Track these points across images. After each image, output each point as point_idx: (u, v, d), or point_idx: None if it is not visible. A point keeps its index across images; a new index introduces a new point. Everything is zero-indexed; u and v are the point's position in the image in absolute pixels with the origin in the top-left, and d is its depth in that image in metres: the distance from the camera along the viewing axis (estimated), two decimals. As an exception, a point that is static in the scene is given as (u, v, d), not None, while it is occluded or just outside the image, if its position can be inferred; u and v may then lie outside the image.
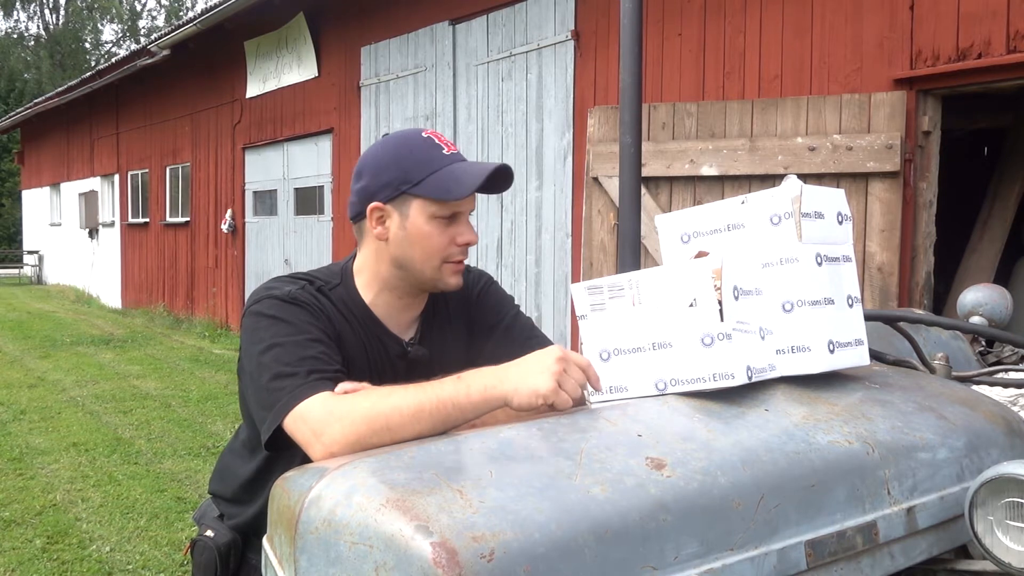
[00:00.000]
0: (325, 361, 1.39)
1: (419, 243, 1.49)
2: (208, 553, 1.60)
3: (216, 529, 1.63)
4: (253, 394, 1.43)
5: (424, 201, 1.47)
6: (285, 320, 1.42)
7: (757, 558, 1.14)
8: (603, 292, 1.44)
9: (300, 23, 9.64)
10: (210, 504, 1.71)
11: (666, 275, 1.38)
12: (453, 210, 1.48)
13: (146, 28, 39.18)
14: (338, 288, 1.54)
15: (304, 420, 1.30)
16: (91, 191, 16.76)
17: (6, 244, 29.65)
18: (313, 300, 1.48)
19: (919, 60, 4.36)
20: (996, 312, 2.83)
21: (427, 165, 1.47)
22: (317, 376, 1.35)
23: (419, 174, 1.46)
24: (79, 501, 4.73)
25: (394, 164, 1.48)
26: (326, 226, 9.50)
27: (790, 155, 4.54)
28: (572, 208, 6.30)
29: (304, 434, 1.30)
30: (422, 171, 1.46)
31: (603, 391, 1.41)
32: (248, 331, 1.45)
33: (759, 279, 1.45)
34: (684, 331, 1.35)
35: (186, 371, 8.89)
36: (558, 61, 6.43)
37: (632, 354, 1.40)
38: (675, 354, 1.36)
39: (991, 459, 1.46)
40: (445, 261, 1.50)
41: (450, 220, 1.49)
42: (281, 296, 1.46)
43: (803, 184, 1.46)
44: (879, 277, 4.28)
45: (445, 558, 0.94)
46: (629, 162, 2.04)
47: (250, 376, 1.44)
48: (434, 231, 1.48)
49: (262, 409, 1.38)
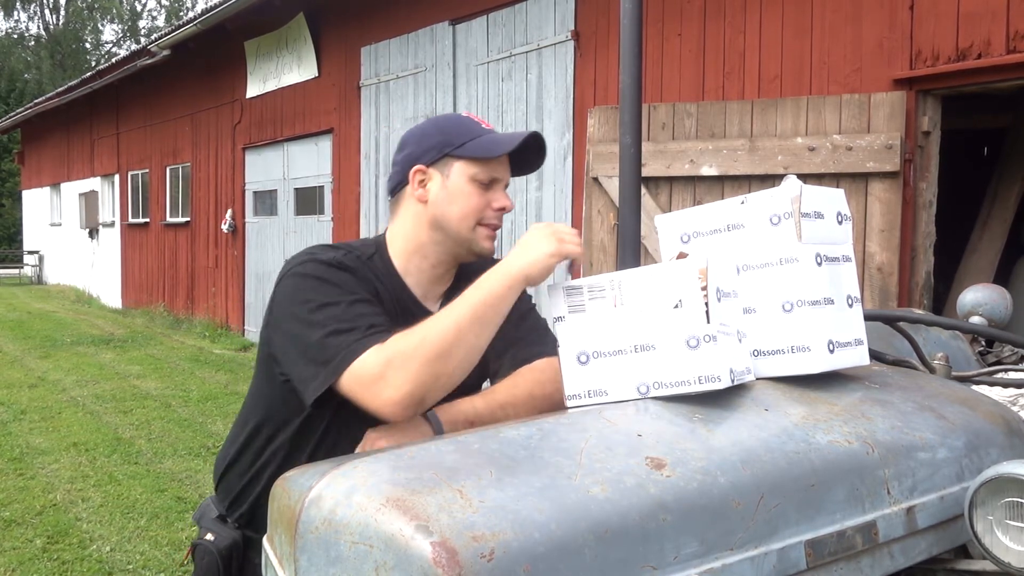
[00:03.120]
0: (381, 321, 1.43)
1: (458, 202, 1.56)
2: (209, 557, 1.60)
3: (216, 532, 1.63)
4: (299, 353, 1.43)
5: (465, 163, 1.56)
6: (333, 282, 1.46)
7: (757, 558, 1.14)
8: (583, 293, 1.42)
9: (300, 23, 9.64)
10: (209, 505, 1.71)
11: (650, 276, 1.37)
12: (492, 175, 1.57)
13: (146, 28, 39.22)
14: (374, 257, 1.59)
15: (365, 372, 1.34)
16: (91, 191, 16.76)
17: (6, 244, 29.64)
18: (358, 265, 1.53)
19: (919, 60, 4.36)
20: (996, 312, 2.83)
21: (468, 132, 1.58)
22: (375, 331, 1.39)
23: (461, 139, 1.57)
24: (79, 501, 4.73)
25: (437, 131, 1.59)
26: (326, 226, 9.50)
27: (790, 155, 4.54)
28: (572, 208, 6.30)
29: (366, 386, 1.34)
30: (463, 137, 1.57)
31: (582, 395, 1.39)
32: (290, 291, 1.48)
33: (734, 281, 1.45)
34: (668, 333, 1.33)
35: (186, 371, 8.89)
36: (558, 61, 6.43)
37: (613, 357, 1.37)
38: (658, 356, 1.33)
39: (991, 459, 1.46)
40: (480, 223, 1.57)
41: (488, 186, 1.58)
42: (326, 260, 1.49)
43: (803, 184, 1.46)
44: (879, 277, 4.28)
45: (445, 558, 0.94)
46: (629, 162, 2.04)
47: (292, 337, 1.45)
48: (473, 191, 1.56)
49: (314, 365, 1.40)
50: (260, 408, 1.61)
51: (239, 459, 1.64)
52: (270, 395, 1.58)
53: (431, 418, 1.43)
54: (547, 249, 1.40)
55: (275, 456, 1.58)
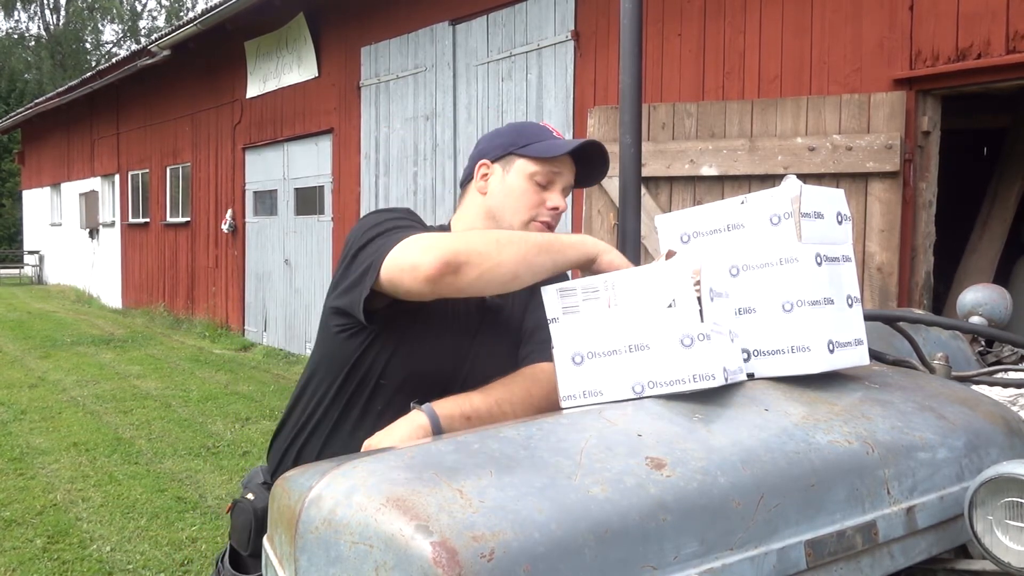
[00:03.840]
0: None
1: (514, 196, 1.66)
2: (245, 515, 1.64)
3: (257, 493, 1.67)
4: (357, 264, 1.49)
5: (527, 161, 1.66)
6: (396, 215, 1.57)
7: (757, 558, 1.14)
8: (576, 294, 1.42)
9: (300, 23, 9.64)
10: (257, 471, 1.75)
11: (644, 276, 1.37)
12: (550, 176, 1.67)
13: (146, 28, 39.22)
14: None
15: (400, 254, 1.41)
16: (91, 191, 16.76)
17: (6, 244, 29.65)
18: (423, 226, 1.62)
19: (919, 60, 4.36)
20: (996, 312, 2.83)
21: (537, 135, 1.69)
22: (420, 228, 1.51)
23: (527, 140, 1.68)
24: (80, 501, 4.73)
25: (510, 131, 1.73)
26: (326, 226, 9.50)
27: (790, 155, 4.54)
28: (572, 208, 6.31)
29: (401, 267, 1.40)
30: (531, 138, 1.68)
31: (577, 395, 1.40)
32: (362, 227, 1.55)
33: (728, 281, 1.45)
34: (662, 332, 1.33)
35: (186, 371, 8.89)
36: (558, 61, 6.44)
37: (607, 357, 1.37)
38: (653, 356, 1.34)
39: (990, 459, 1.46)
40: (533, 219, 1.66)
41: (546, 186, 1.67)
42: (398, 212, 1.61)
43: (803, 184, 1.46)
44: (879, 277, 4.28)
45: (445, 558, 0.94)
46: (629, 162, 2.03)
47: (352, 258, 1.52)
48: (529, 188, 1.66)
49: (364, 269, 1.46)
50: (311, 367, 1.67)
51: (286, 423, 1.69)
52: (322, 352, 1.65)
53: (428, 412, 1.44)
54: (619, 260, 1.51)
55: (316, 416, 1.62)
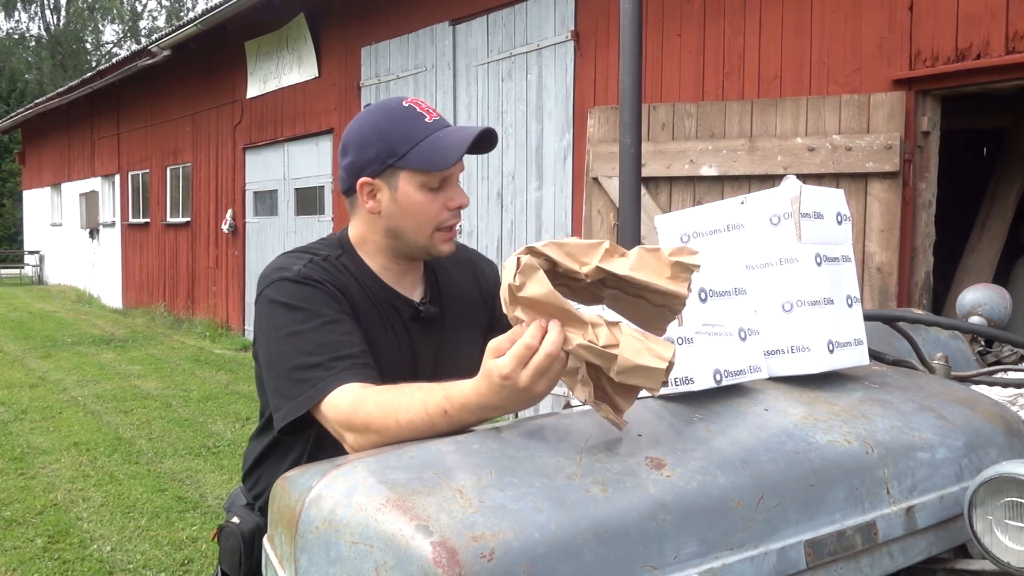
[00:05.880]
0: (347, 344, 1.40)
1: (411, 213, 1.50)
2: (233, 539, 1.63)
3: (242, 516, 1.67)
4: (270, 382, 1.44)
5: (412, 172, 1.48)
6: (300, 307, 1.43)
7: (757, 558, 1.14)
8: None
9: (300, 23, 9.64)
10: (238, 493, 1.75)
11: None
12: (441, 177, 1.50)
13: (147, 28, 39.19)
14: (343, 257, 1.57)
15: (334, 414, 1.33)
16: (92, 191, 16.76)
17: (7, 244, 29.64)
18: (325, 275, 1.49)
19: (918, 60, 4.36)
20: (995, 312, 2.83)
21: (411, 136, 1.48)
22: (346, 364, 1.36)
23: (404, 146, 1.47)
24: (80, 501, 4.73)
25: (378, 139, 1.49)
26: (326, 226, 9.50)
27: (789, 155, 4.54)
28: (572, 208, 6.30)
29: (334, 428, 1.34)
30: (407, 143, 1.47)
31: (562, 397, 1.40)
32: (264, 318, 1.47)
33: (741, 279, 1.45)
34: None
35: (187, 371, 8.89)
36: (558, 61, 6.43)
37: None
38: None
39: (990, 459, 1.46)
40: (438, 229, 1.52)
41: (440, 186, 1.50)
42: (292, 277, 1.47)
43: (802, 184, 1.46)
44: (878, 277, 4.28)
45: (445, 557, 0.94)
46: (629, 162, 2.04)
47: (267, 364, 1.46)
48: (425, 199, 1.50)
49: (281, 398, 1.40)
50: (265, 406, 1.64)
51: (259, 448, 1.67)
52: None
53: None
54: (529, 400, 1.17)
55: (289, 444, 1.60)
